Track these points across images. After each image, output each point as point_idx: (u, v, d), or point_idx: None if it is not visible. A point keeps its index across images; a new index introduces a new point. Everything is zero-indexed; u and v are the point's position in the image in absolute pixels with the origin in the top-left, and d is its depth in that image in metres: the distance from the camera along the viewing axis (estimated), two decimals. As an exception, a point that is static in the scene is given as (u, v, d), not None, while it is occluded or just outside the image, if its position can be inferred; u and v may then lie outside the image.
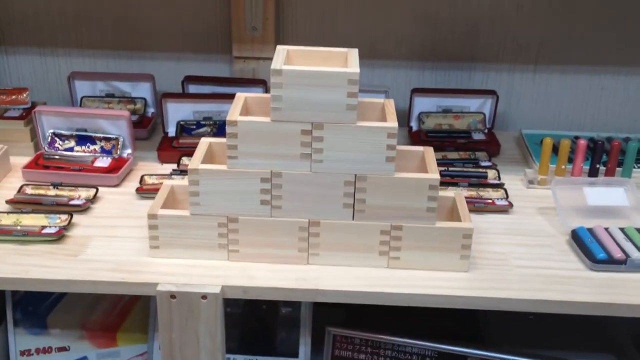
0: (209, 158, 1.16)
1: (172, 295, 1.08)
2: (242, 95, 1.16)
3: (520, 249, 1.21)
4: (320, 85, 1.05)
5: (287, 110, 1.06)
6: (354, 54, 1.12)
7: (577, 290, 1.11)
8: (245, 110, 1.15)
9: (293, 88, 1.05)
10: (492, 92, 1.61)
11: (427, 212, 1.11)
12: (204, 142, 1.18)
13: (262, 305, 1.51)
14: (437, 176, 1.10)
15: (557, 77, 1.68)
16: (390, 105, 1.15)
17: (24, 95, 1.54)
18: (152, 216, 1.13)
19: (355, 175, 1.09)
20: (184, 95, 1.58)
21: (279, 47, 1.13)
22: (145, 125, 1.59)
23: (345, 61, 1.11)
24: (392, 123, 1.08)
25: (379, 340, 1.40)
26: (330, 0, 1.62)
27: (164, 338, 1.11)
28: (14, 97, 1.54)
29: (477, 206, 1.31)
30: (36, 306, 1.49)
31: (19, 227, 1.20)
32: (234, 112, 1.10)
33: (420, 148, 1.20)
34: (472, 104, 1.62)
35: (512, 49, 1.65)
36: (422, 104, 1.61)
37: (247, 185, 1.10)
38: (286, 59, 1.09)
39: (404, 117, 1.62)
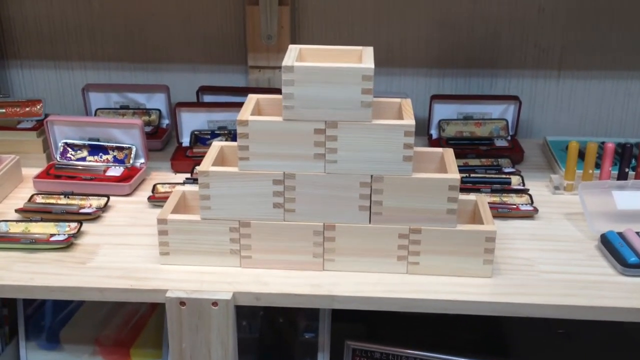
0: (220, 161, 1.13)
1: (182, 302, 1.03)
2: (254, 97, 1.13)
3: (546, 255, 1.16)
4: (333, 82, 1.01)
5: (299, 109, 1.02)
6: (368, 51, 1.09)
7: (607, 295, 1.05)
8: (257, 111, 1.11)
9: (305, 85, 1.01)
10: (514, 98, 1.56)
11: (447, 214, 1.06)
12: (216, 146, 1.15)
13: (279, 319, 1.47)
14: (457, 176, 1.05)
15: (582, 83, 1.63)
16: (407, 105, 1.10)
17: (38, 107, 1.52)
18: (161, 221, 1.09)
19: (372, 175, 1.05)
20: (198, 104, 1.55)
21: (291, 46, 1.09)
22: (160, 137, 1.57)
23: (360, 59, 1.07)
24: (409, 120, 1.04)
25: (400, 354, 1.34)
26: (347, 7, 1.60)
27: (173, 348, 1.07)
28: (27, 109, 1.53)
29: (501, 211, 1.26)
30: (49, 321, 1.46)
31: (26, 235, 1.17)
32: (245, 112, 1.06)
33: (439, 149, 1.15)
34: (494, 110, 1.57)
35: (534, 53, 1.61)
36: (442, 110, 1.56)
37: (259, 188, 1.06)
38: (298, 57, 1.06)
39: (423, 125, 1.57)
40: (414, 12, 1.60)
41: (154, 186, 1.35)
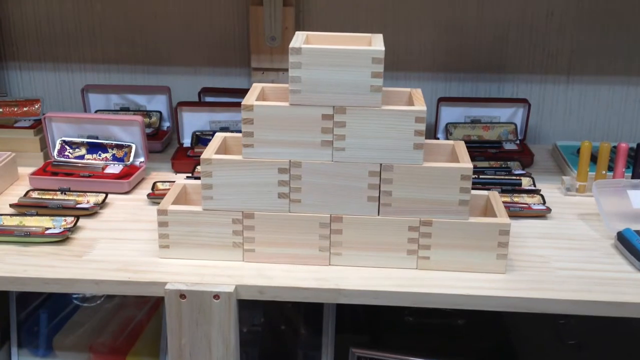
0: (223, 151, 1.09)
1: (182, 295, 0.99)
2: (259, 85, 1.10)
3: (561, 252, 1.11)
4: (342, 65, 0.97)
5: (306, 93, 0.99)
6: (378, 37, 1.05)
7: (626, 291, 1.00)
8: (263, 99, 1.07)
9: (313, 68, 0.98)
10: (523, 101, 1.53)
11: (459, 205, 1.02)
12: (219, 136, 1.11)
13: (281, 326, 1.42)
14: (470, 165, 1.01)
15: (592, 88, 1.60)
16: (417, 93, 1.07)
17: (36, 106, 1.49)
18: (162, 212, 1.05)
19: (381, 164, 1.01)
20: (200, 104, 1.52)
21: (298, 32, 1.06)
22: (160, 138, 1.53)
23: (369, 45, 1.04)
24: (420, 106, 1.00)
25: (406, 361, 1.29)
26: (352, 8, 1.57)
27: (172, 344, 1.02)
28: (25, 108, 1.50)
29: (513, 210, 1.22)
30: (42, 326, 1.41)
31: (21, 228, 1.12)
32: (250, 98, 1.03)
33: (450, 142, 1.12)
34: (502, 113, 1.54)
35: (543, 58, 1.58)
36: (449, 114, 1.53)
37: (264, 177, 1.02)
38: (306, 41, 1.02)
39: (430, 129, 1.54)
40: (420, 16, 1.57)
41: (154, 184, 1.31)
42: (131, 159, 1.36)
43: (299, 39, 1.02)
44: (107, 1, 1.60)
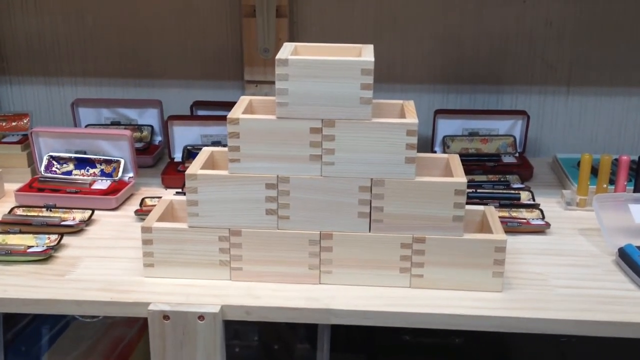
0: (210, 166, 1.06)
1: (166, 316, 0.95)
2: (246, 98, 1.06)
3: (561, 269, 1.07)
4: (330, 77, 0.94)
5: (294, 106, 0.96)
6: (368, 48, 1.02)
7: (628, 310, 0.96)
8: (250, 112, 1.04)
9: (301, 80, 0.95)
10: (522, 113, 1.50)
11: (453, 221, 0.98)
12: (206, 151, 1.08)
13: (275, 345, 1.39)
14: (464, 179, 0.98)
15: (592, 99, 1.56)
16: (409, 106, 1.04)
17: (24, 121, 1.46)
18: (146, 229, 1.01)
19: (372, 179, 0.97)
20: (191, 118, 1.49)
21: (287, 43, 1.03)
22: (151, 153, 1.50)
23: (359, 56, 1.01)
24: (412, 119, 0.97)
25: (403, 382, 1.25)
26: (346, 19, 1.54)
27: (156, 367, 0.98)
28: (14, 123, 1.46)
29: (510, 226, 1.18)
30: (30, 346, 1.38)
31: (2, 246, 1.09)
32: (236, 111, 0.99)
33: (444, 155, 1.08)
34: (500, 126, 1.50)
35: (542, 69, 1.55)
36: (447, 126, 1.50)
37: (251, 193, 0.99)
38: (294, 52, 0.99)
39: (427, 142, 1.50)
40: (417, 27, 1.54)
41: (142, 200, 1.27)
42: (120, 174, 1.33)
43: (287, 50, 0.99)
44: (98, 14, 1.57)
